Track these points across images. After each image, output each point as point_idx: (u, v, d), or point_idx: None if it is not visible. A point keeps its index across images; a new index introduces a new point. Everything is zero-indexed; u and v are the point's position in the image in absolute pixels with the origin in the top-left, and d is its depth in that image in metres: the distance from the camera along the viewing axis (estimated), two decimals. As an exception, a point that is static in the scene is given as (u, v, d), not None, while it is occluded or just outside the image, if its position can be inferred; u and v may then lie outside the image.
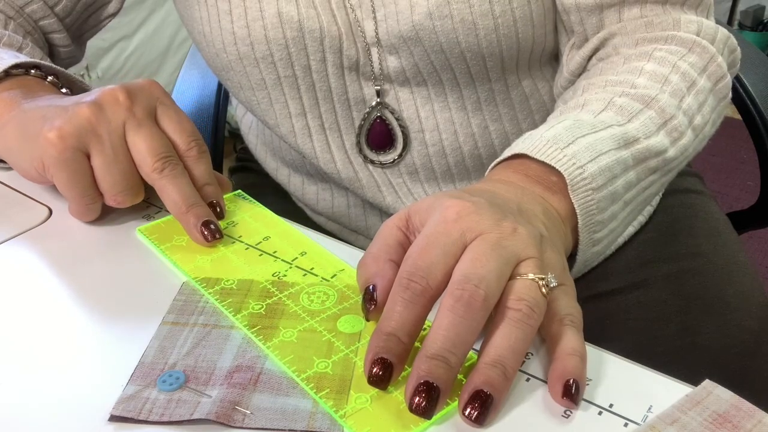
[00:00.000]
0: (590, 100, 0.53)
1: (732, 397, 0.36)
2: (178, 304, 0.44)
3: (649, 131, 0.51)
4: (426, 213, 0.41)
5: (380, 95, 0.66)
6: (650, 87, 0.54)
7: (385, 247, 0.41)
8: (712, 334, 0.64)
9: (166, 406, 0.36)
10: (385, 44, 0.63)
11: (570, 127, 0.48)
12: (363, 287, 0.40)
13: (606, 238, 0.49)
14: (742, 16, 2.87)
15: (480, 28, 0.60)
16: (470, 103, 0.66)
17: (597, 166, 0.46)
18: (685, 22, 0.59)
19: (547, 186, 0.46)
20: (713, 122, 0.59)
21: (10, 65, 0.55)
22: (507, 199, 0.43)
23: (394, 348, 0.36)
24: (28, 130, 0.49)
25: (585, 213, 0.46)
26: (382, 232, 0.42)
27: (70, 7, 0.70)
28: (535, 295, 0.38)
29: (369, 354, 0.36)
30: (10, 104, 0.53)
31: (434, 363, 0.35)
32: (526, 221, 0.41)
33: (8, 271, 0.47)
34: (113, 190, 0.49)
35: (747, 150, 2.30)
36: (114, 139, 0.48)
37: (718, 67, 0.58)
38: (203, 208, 0.49)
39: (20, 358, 0.40)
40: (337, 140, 0.69)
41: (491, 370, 0.35)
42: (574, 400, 0.36)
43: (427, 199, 0.42)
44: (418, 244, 0.39)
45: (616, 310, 0.67)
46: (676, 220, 0.74)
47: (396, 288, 0.38)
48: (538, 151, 0.46)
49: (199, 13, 0.65)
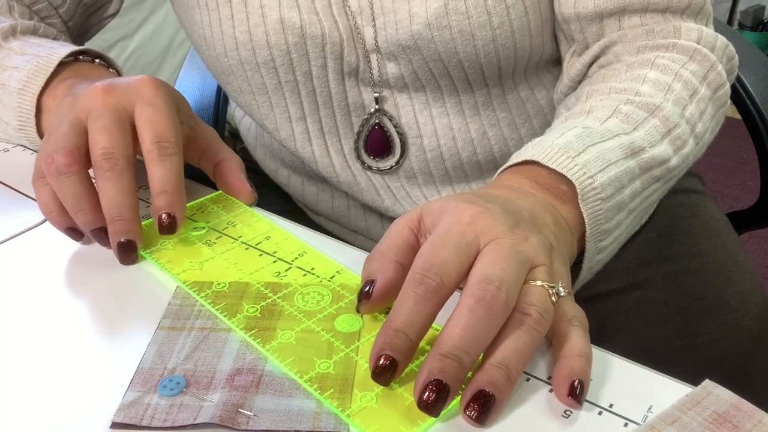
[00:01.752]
0: (596, 106, 0.53)
1: (732, 397, 0.36)
2: (173, 308, 0.43)
3: (654, 140, 0.51)
4: (438, 215, 0.41)
5: (379, 102, 0.66)
6: (654, 95, 0.54)
7: (393, 246, 0.41)
8: (712, 334, 0.64)
9: (168, 411, 0.36)
10: (384, 51, 0.63)
11: (580, 135, 0.48)
12: (364, 281, 0.40)
13: (610, 246, 0.49)
14: (742, 16, 2.87)
15: (478, 38, 0.60)
16: (468, 108, 0.66)
17: (606, 176, 0.46)
18: (685, 30, 0.59)
19: (557, 195, 0.46)
20: (712, 130, 0.59)
21: (73, 51, 0.59)
22: (519, 207, 0.42)
23: (401, 345, 0.36)
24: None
25: (593, 222, 0.46)
26: (392, 231, 0.42)
27: (72, 9, 0.71)
28: (545, 302, 0.38)
29: (375, 349, 0.36)
30: (64, 92, 0.56)
31: (447, 362, 0.35)
32: (537, 230, 0.41)
33: (8, 271, 0.47)
34: (51, 151, 0.46)
35: (747, 150, 2.30)
36: (71, 116, 0.47)
37: (718, 75, 0.59)
38: (122, 224, 0.45)
39: (17, 363, 0.40)
40: (336, 145, 0.69)
41: (495, 371, 0.36)
42: (578, 401, 0.36)
43: (439, 200, 0.42)
44: (432, 242, 0.38)
45: (616, 310, 0.68)
46: (675, 220, 0.74)
47: (409, 282, 0.37)
48: (550, 159, 0.46)
49: (200, 17, 0.65)
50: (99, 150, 0.46)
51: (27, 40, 0.62)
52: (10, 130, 0.60)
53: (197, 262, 0.47)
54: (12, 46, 0.61)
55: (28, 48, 0.61)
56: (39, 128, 0.58)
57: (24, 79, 0.57)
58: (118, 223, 0.45)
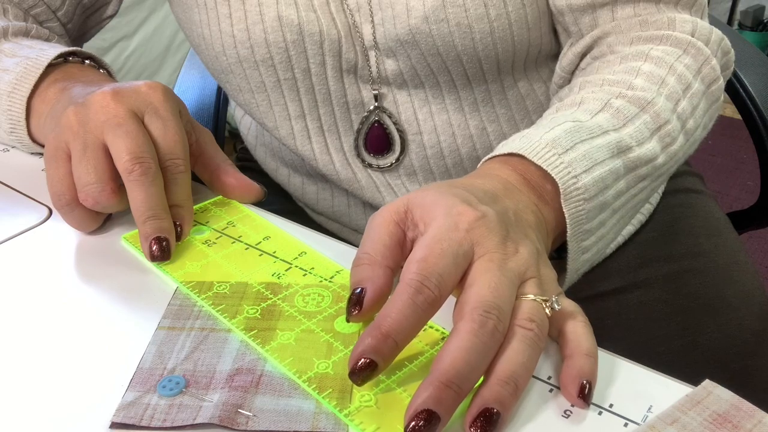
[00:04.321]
0: (587, 98, 0.53)
1: (732, 397, 0.36)
2: (173, 308, 0.43)
3: (643, 137, 0.51)
4: (430, 210, 0.40)
5: (378, 99, 0.66)
6: (647, 89, 0.54)
7: (381, 249, 0.39)
8: (713, 334, 0.64)
9: (167, 411, 0.36)
10: (382, 47, 0.63)
11: (569, 130, 0.48)
12: (353, 288, 0.39)
13: (595, 245, 0.49)
14: (742, 16, 2.87)
15: (476, 31, 0.60)
16: (467, 105, 0.66)
17: (590, 176, 0.46)
18: (680, 22, 0.59)
19: (540, 194, 0.46)
20: (704, 126, 0.58)
21: (62, 52, 0.59)
22: (506, 208, 0.42)
23: (387, 351, 0.35)
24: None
25: (574, 222, 0.46)
26: (377, 228, 0.40)
27: (71, 12, 0.71)
28: (543, 317, 0.38)
29: (359, 348, 0.35)
30: (56, 95, 0.56)
31: (446, 392, 0.34)
32: (524, 235, 0.41)
33: (8, 271, 0.47)
34: (79, 184, 0.47)
35: (747, 150, 2.31)
36: (88, 138, 0.47)
37: (712, 69, 0.58)
38: (165, 223, 0.47)
39: (17, 363, 0.40)
40: (335, 143, 0.69)
41: (504, 387, 0.35)
42: (587, 401, 0.36)
43: (427, 192, 0.41)
44: (430, 247, 0.37)
45: (616, 310, 0.68)
46: (676, 219, 0.74)
47: (405, 288, 0.36)
48: (536, 154, 0.46)
49: (199, 16, 0.65)
50: (127, 156, 0.46)
51: (18, 42, 0.62)
52: (2, 132, 0.60)
53: (197, 262, 0.47)
54: (3, 48, 0.61)
55: (19, 50, 0.60)
56: (30, 131, 0.58)
57: (13, 82, 0.57)
58: (157, 221, 0.46)
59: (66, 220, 0.49)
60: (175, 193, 0.49)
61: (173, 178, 0.49)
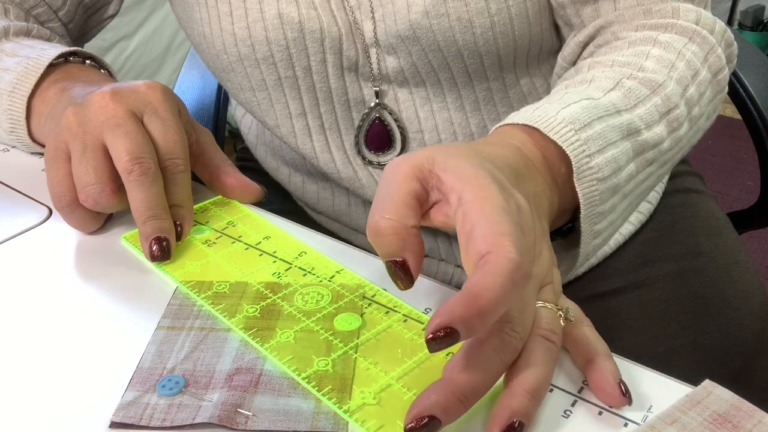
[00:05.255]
0: (598, 76, 0.52)
1: (732, 397, 0.36)
2: (172, 308, 0.43)
3: (652, 120, 0.50)
4: (461, 182, 0.36)
5: (379, 96, 0.66)
6: (658, 71, 0.53)
7: (404, 210, 0.37)
8: (713, 334, 0.64)
9: (167, 411, 0.36)
10: (383, 44, 0.63)
11: (586, 107, 0.46)
12: (388, 258, 0.37)
13: (606, 230, 0.48)
14: (742, 16, 2.87)
15: (476, 26, 0.60)
16: (468, 103, 0.66)
17: (603, 156, 0.45)
18: (684, 11, 0.58)
19: (554, 177, 0.45)
20: (708, 115, 0.58)
21: (63, 52, 0.59)
22: (528, 193, 0.41)
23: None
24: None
25: (588, 203, 0.45)
26: (398, 184, 0.37)
27: (72, 12, 0.71)
28: (559, 328, 0.38)
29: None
30: (56, 96, 0.56)
31: (457, 404, 0.34)
32: (543, 232, 0.41)
33: (8, 271, 0.47)
34: (79, 185, 0.47)
35: (747, 150, 2.30)
36: (88, 138, 0.47)
37: (717, 58, 0.58)
38: (165, 223, 0.47)
39: (17, 362, 0.40)
40: (336, 140, 0.69)
41: (531, 400, 0.35)
42: (629, 397, 0.37)
43: (455, 157, 0.38)
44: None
45: (616, 310, 0.68)
46: (676, 219, 0.74)
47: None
48: (552, 129, 0.44)
49: (199, 14, 0.65)
50: (126, 156, 0.46)
51: (19, 42, 0.62)
52: (2, 132, 0.60)
53: (197, 262, 0.47)
54: (4, 48, 0.61)
55: (20, 50, 0.61)
56: (30, 131, 0.58)
57: (14, 82, 0.57)
58: (158, 221, 0.47)
59: (67, 221, 0.49)
60: (175, 193, 0.49)
61: (173, 178, 0.49)
